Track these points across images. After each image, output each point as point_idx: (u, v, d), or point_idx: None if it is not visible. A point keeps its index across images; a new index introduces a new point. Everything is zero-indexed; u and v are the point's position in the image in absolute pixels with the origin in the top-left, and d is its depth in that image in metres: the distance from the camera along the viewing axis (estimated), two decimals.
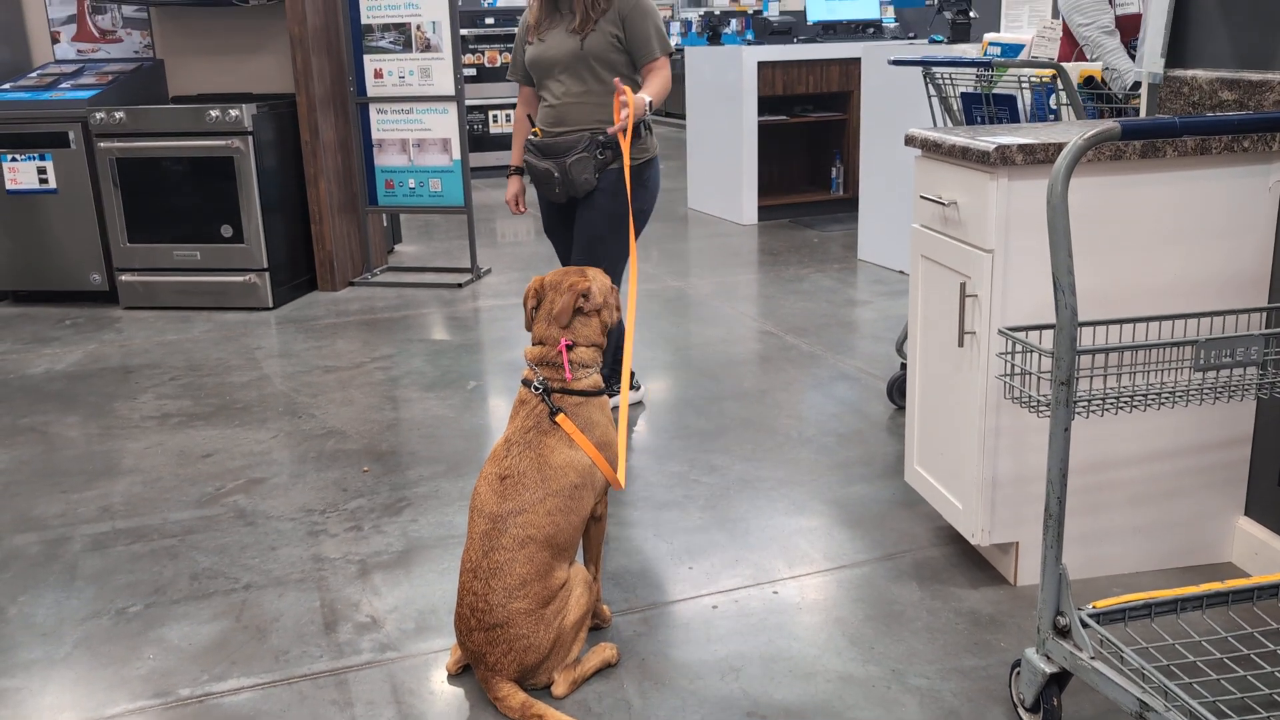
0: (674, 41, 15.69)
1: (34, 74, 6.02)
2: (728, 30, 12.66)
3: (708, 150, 8.01)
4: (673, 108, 15.18)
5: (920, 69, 3.67)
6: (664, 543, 2.91)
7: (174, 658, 2.42)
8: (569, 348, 2.29)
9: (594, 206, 3.57)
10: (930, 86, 3.64)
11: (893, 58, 3.78)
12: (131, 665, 2.40)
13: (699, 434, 3.68)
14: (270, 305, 5.59)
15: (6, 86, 5.82)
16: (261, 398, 4.20)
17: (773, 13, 9.60)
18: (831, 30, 8.29)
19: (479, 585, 2.14)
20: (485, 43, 10.23)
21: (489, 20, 10.21)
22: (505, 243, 7.36)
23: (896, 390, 3.87)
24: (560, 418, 2.24)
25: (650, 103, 3.40)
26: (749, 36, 11.28)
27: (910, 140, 2.73)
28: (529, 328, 2.36)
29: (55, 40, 6.24)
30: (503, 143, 10.49)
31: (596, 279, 2.35)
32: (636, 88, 3.55)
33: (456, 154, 6.03)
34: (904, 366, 3.83)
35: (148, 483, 3.41)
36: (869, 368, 4.28)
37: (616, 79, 3.35)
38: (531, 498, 2.17)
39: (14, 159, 5.63)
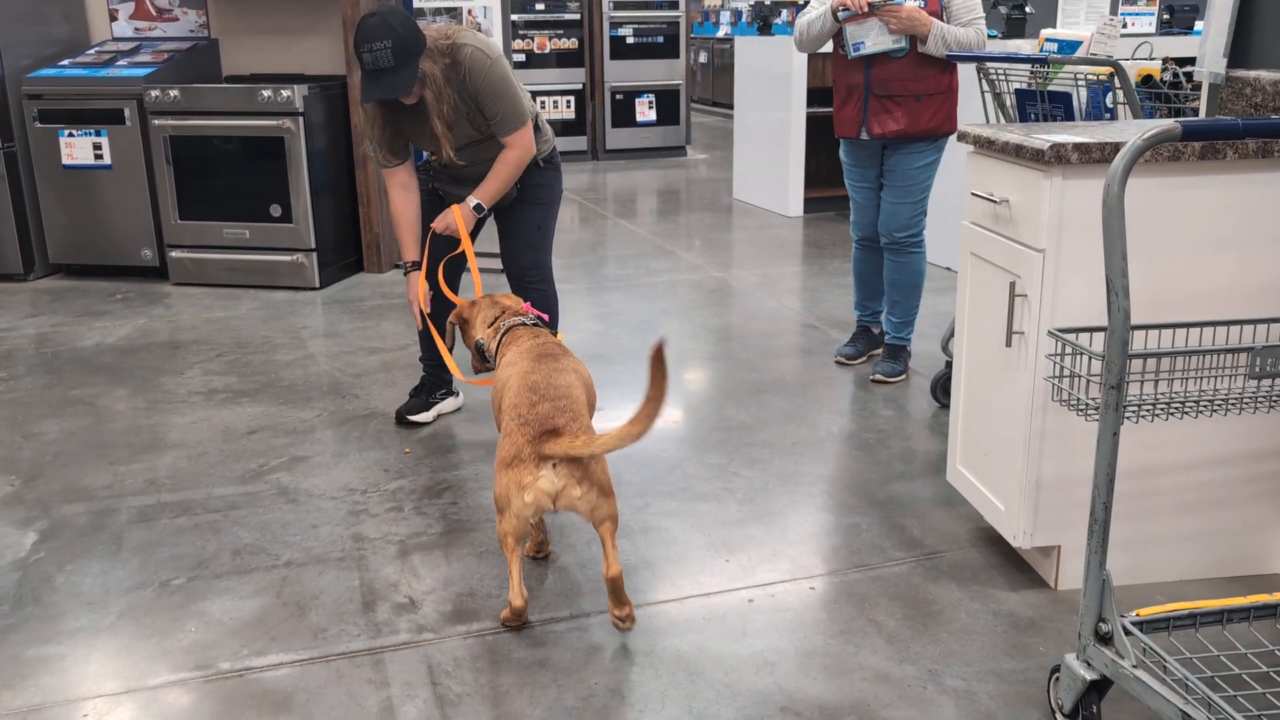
0: (723, 30, 15.61)
1: (92, 51, 6.11)
2: (778, 20, 12.58)
3: (755, 141, 7.97)
4: (720, 97, 15.14)
5: (974, 64, 3.62)
6: (701, 534, 2.91)
7: (215, 631, 2.46)
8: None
9: (524, 206, 3.54)
10: (984, 82, 3.60)
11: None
12: (173, 637, 2.44)
13: (739, 426, 3.67)
14: (317, 285, 5.64)
15: (65, 63, 5.91)
16: (306, 377, 4.24)
17: None
18: None
19: (561, 407, 2.43)
20: (535, 28, 10.24)
21: (539, 5, 10.21)
22: None
23: (940, 388, 3.84)
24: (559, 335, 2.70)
25: (478, 206, 3.39)
26: None
27: (963, 136, 2.70)
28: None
29: (113, 18, 6.33)
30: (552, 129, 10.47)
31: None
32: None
33: None
34: (949, 365, 3.80)
35: (193, 457, 3.46)
36: (913, 364, 4.24)
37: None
38: (568, 378, 2.56)
39: (70, 134, 5.71)
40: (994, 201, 2.54)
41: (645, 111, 10.67)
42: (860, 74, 3.88)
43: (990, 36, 5.98)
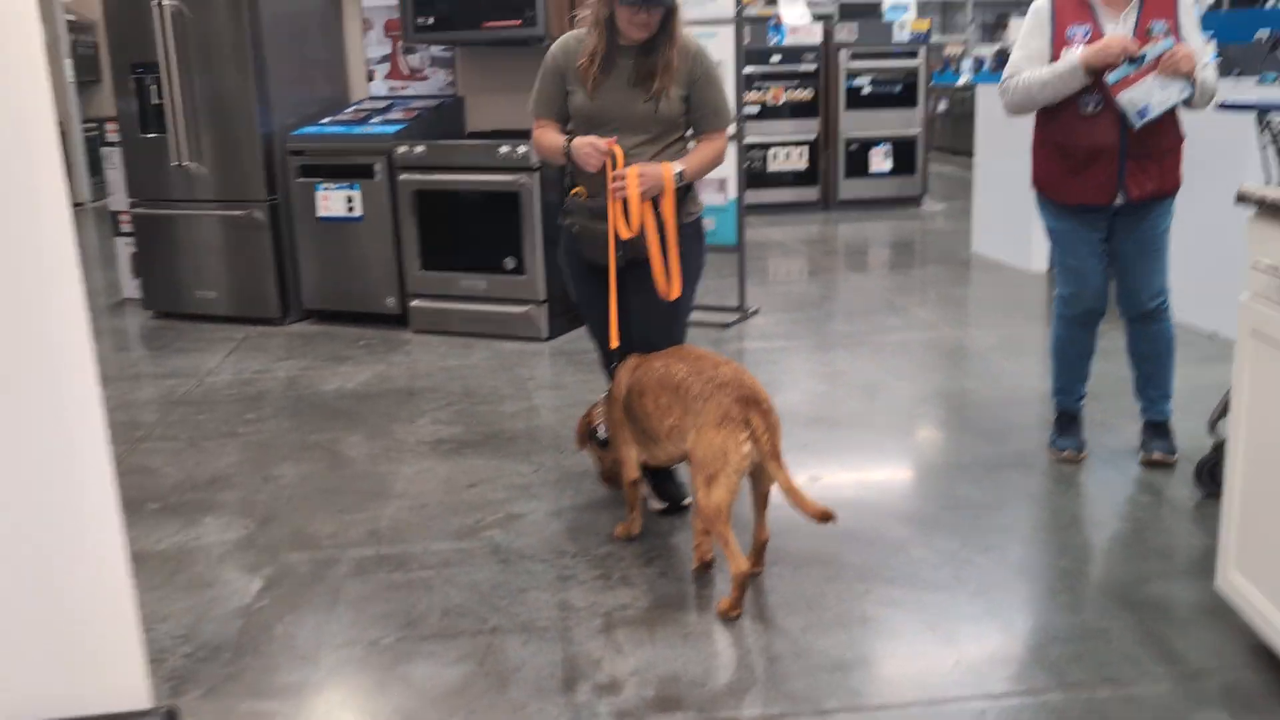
0: (964, 79, 15.09)
1: (350, 109, 6.50)
2: None
3: (996, 191, 7.57)
4: (959, 145, 14.60)
5: (1255, 113, 3.24)
6: (928, 630, 2.67)
7: (416, 699, 2.43)
8: None
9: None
10: (1266, 134, 3.21)
11: (1222, 100, 3.36)
12: (377, 699, 2.44)
13: (973, 506, 3.39)
14: (545, 336, 5.73)
15: (326, 121, 6.30)
16: (529, 429, 4.27)
17: None
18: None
19: (746, 377, 2.75)
20: (770, 80, 10.19)
21: (775, 58, 10.15)
22: (775, 281, 7.24)
23: (1206, 474, 3.42)
24: None
25: (681, 174, 3.13)
26: None
27: (1244, 198, 2.38)
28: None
29: (370, 78, 6.72)
30: (781, 179, 10.40)
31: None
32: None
33: (733, 193, 5.97)
34: (1216, 448, 3.38)
35: (414, 509, 3.51)
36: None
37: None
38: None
39: (326, 188, 6.07)
40: None
41: (880, 161, 10.40)
42: (1114, 133, 3.39)
43: (1267, 81, 5.43)
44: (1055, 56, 3.41)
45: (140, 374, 5.30)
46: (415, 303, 5.99)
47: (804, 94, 10.26)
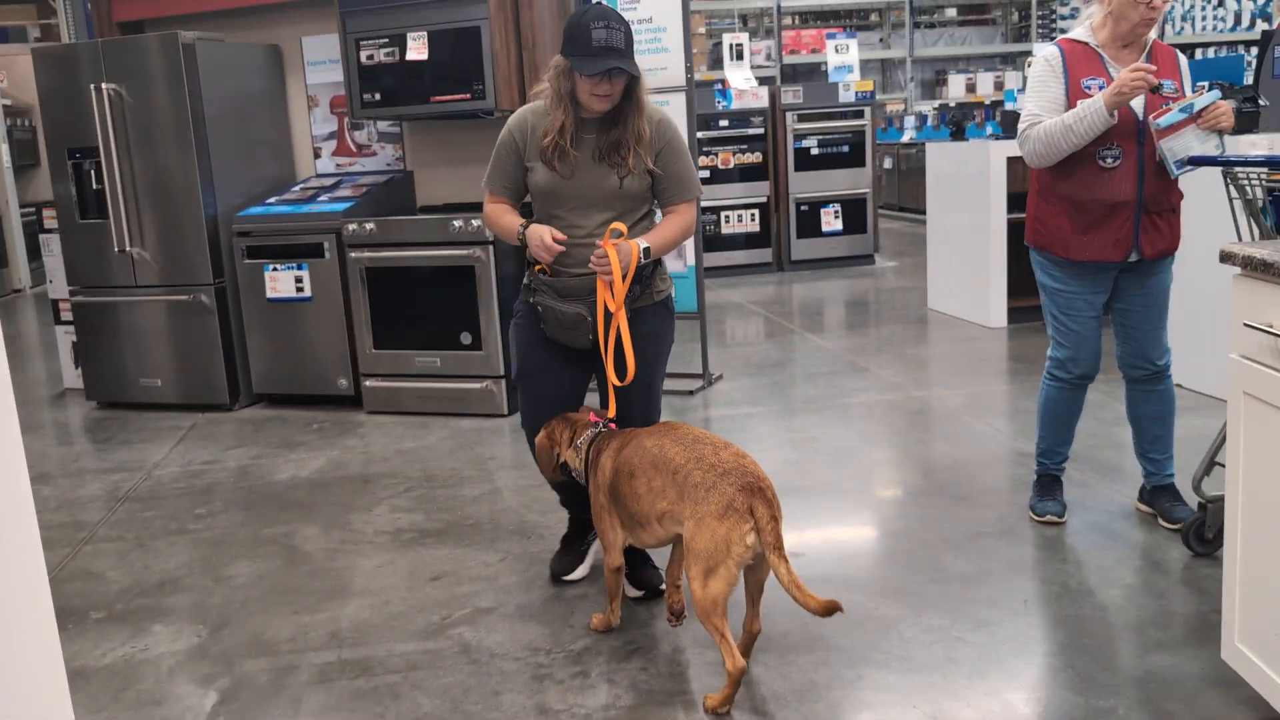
0: (908, 136, 15.32)
1: (297, 187, 6.37)
2: (972, 122, 12.21)
3: (950, 248, 7.59)
4: (906, 202, 14.78)
5: (1220, 169, 3.21)
6: (925, 718, 2.54)
7: None
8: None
9: (635, 348, 3.05)
10: (1232, 188, 3.19)
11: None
12: None
13: (959, 579, 3.28)
14: (505, 412, 5.58)
15: (272, 200, 6.17)
16: (492, 514, 4.11)
17: (1018, 104, 9.11)
18: None
19: (749, 462, 2.61)
20: (719, 144, 10.23)
21: (723, 122, 10.21)
22: (735, 344, 7.16)
23: (1194, 535, 3.34)
24: None
25: (647, 250, 3.01)
26: (991, 129, 10.82)
27: (1228, 257, 2.32)
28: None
29: (317, 155, 6.60)
30: (734, 241, 10.40)
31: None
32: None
33: (691, 259, 5.91)
34: (1202, 507, 3.31)
35: (376, 606, 3.33)
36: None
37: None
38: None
39: (275, 269, 5.92)
40: (1277, 335, 2.15)
41: (831, 221, 10.45)
42: (1133, 187, 3.31)
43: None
44: (1071, 107, 3.34)
45: (83, 469, 5.06)
46: (369, 382, 5.82)
47: (753, 157, 10.30)
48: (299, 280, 5.90)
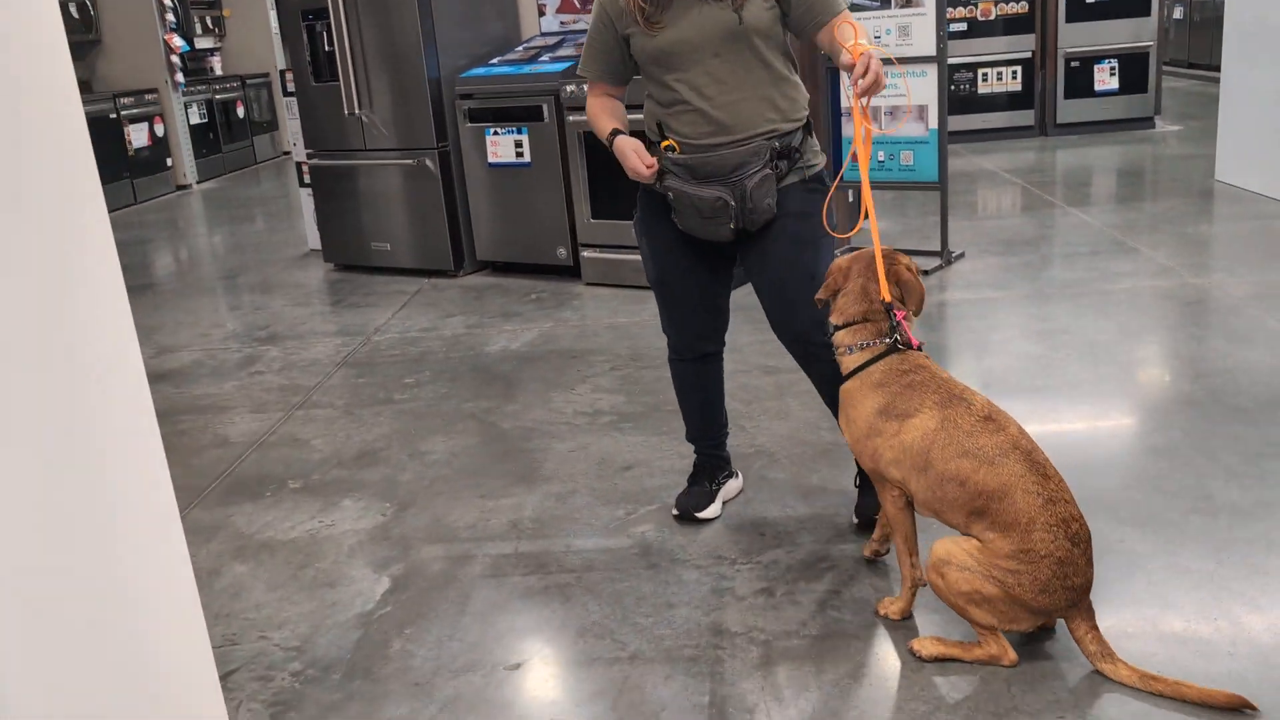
0: None
1: (520, 48, 6.16)
2: None
3: (1249, 111, 6.52)
4: (1198, 57, 13.05)
5: None
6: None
7: None
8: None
9: (784, 238, 2.62)
10: None
11: None
12: None
13: (1229, 511, 2.75)
14: None
15: (495, 61, 5.99)
16: None
17: None
18: None
19: (1074, 507, 2.14)
20: None
21: None
22: (984, 219, 6.50)
23: None
24: None
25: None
26: None
27: None
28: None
29: (541, 13, 6.35)
30: (992, 102, 9.48)
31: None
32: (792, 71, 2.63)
33: (933, 122, 5.31)
34: None
35: (561, 496, 3.17)
36: None
37: (843, 17, 2.44)
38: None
39: (495, 133, 5.78)
40: None
41: (1106, 79, 9.30)
42: None
43: None
44: None
45: (311, 331, 5.19)
46: (586, 253, 5.64)
47: (1018, 7, 9.25)
48: (519, 145, 5.74)
